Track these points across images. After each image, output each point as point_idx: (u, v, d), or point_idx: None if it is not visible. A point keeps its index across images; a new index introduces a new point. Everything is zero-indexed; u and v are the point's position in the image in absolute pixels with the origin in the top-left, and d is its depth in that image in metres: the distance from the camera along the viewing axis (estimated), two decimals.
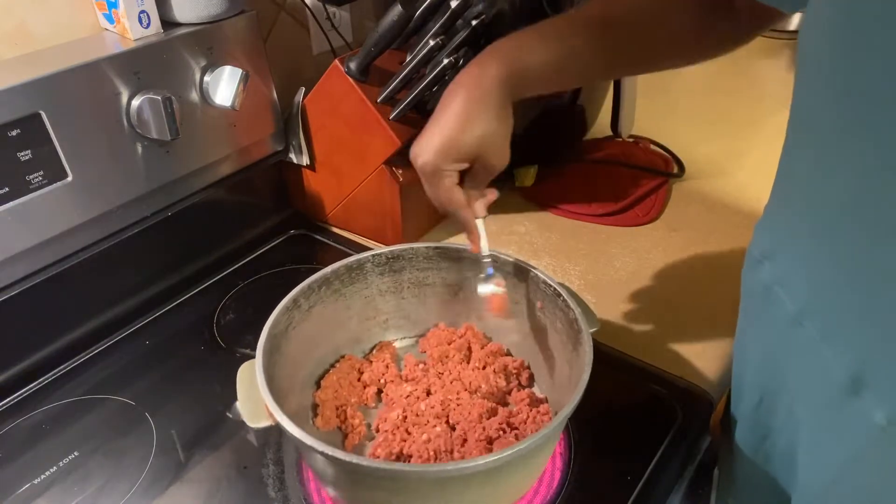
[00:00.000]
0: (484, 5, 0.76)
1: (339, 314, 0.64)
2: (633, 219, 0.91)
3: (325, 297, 0.62)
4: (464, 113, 0.51)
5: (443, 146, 0.51)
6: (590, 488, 0.56)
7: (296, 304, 0.59)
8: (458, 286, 0.67)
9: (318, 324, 0.62)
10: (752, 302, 0.54)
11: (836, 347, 0.42)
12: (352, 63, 0.77)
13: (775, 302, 0.48)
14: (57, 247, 0.68)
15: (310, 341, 0.61)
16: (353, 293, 0.65)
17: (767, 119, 1.16)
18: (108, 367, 0.71)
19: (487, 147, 0.52)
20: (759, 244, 0.52)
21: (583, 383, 0.48)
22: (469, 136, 0.51)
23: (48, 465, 0.60)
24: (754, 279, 0.52)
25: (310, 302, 0.61)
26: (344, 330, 0.66)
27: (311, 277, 0.61)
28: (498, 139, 0.53)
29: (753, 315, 0.55)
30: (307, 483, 0.57)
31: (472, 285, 0.64)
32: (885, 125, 0.34)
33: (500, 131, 0.52)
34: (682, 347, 0.71)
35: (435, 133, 0.51)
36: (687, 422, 0.62)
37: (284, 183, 0.93)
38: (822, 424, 0.45)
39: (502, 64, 0.52)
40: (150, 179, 0.72)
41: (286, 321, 0.58)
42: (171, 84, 0.70)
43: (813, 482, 0.48)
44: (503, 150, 0.54)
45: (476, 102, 0.51)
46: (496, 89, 0.51)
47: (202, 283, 0.82)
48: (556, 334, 0.59)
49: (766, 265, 0.50)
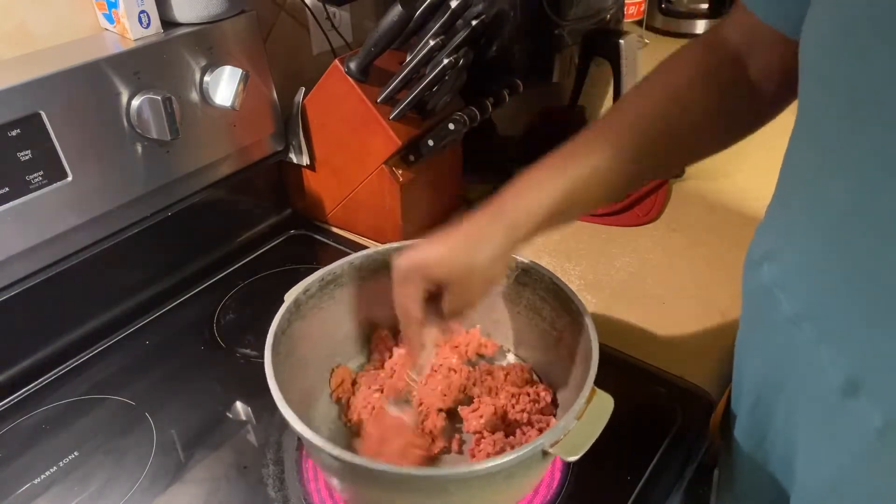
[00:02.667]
0: (484, 5, 0.76)
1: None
2: (633, 219, 0.91)
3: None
4: (461, 238, 0.50)
5: (425, 259, 0.50)
6: (590, 488, 0.56)
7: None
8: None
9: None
10: (752, 304, 0.54)
11: (834, 350, 0.42)
12: (352, 63, 0.77)
13: (774, 304, 0.48)
14: (57, 247, 0.68)
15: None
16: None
17: None
18: (108, 367, 0.71)
19: (464, 278, 0.50)
20: (760, 246, 0.52)
21: (564, 421, 0.48)
22: (454, 260, 0.50)
23: (48, 465, 0.60)
24: (754, 281, 0.52)
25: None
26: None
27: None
28: (478, 277, 0.50)
29: (753, 317, 0.55)
30: (307, 483, 0.57)
31: (499, 293, 0.65)
32: (887, 129, 0.34)
33: (484, 270, 0.50)
34: (682, 347, 0.71)
35: (427, 246, 0.50)
36: (687, 422, 0.62)
37: (284, 183, 0.93)
38: (820, 427, 0.45)
39: (509, 210, 0.50)
40: (149, 179, 0.72)
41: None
42: (171, 84, 0.70)
43: (811, 484, 0.48)
44: (477, 290, 0.52)
45: (478, 233, 0.50)
46: (498, 233, 0.49)
47: (202, 283, 0.82)
48: (576, 372, 0.58)
49: (765, 267, 0.50)
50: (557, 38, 0.88)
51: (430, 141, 0.80)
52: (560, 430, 0.46)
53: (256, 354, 0.71)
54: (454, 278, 0.50)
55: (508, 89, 0.86)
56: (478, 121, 0.80)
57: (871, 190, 0.36)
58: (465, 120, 0.78)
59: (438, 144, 0.80)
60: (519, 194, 0.50)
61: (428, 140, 0.80)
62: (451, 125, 0.79)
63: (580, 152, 0.51)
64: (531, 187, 0.50)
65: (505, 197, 0.50)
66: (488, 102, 0.82)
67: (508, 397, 0.61)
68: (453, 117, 0.79)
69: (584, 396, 0.49)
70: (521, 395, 0.61)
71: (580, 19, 0.89)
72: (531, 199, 0.50)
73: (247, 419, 0.65)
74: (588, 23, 0.91)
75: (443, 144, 0.80)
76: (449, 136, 0.79)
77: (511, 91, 0.86)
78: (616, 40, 0.90)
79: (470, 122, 0.79)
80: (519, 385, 0.62)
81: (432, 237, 0.51)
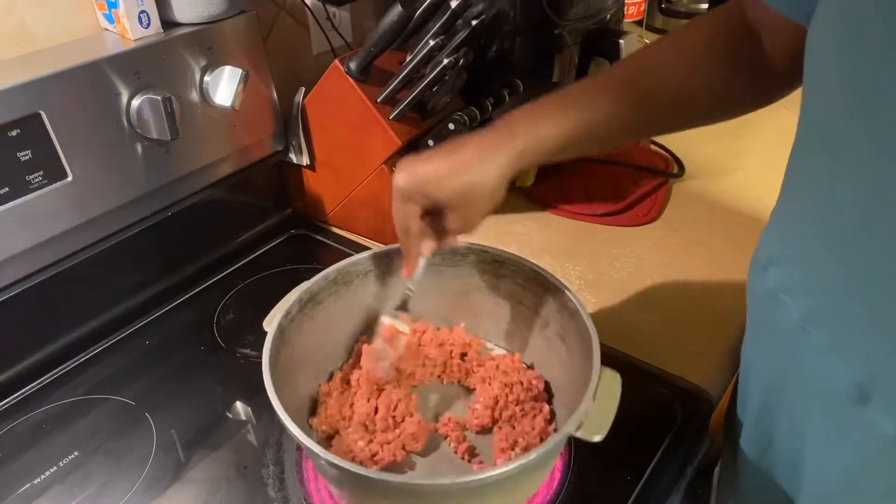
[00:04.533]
0: (484, 5, 0.76)
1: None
2: (633, 219, 0.91)
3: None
4: (465, 156, 0.50)
5: (426, 177, 0.50)
6: (590, 488, 0.56)
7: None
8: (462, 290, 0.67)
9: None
10: (758, 308, 0.53)
11: (843, 356, 0.41)
12: (352, 63, 0.77)
13: (780, 308, 0.47)
14: (57, 247, 0.68)
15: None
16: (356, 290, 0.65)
17: (767, 119, 1.15)
18: (108, 367, 0.71)
19: (466, 199, 0.50)
20: (766, 250, 0.51)
21: (584, 404, 0.48)
22: (456, 180, 0.49)
23: (48, 465, 0.60)
24: (760, 285, 0.51)
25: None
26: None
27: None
28: (476, 200, 0.51)
29: (759, 321, 0.54)
30: (307, 483, 0.57)
31: (477, 287, 0.64)
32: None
33: (487, 192, 0.50)
34: (682, 347, 0.71)
35: (427, 162, 0.50)
36: (687, 422, 0.62)
37: (284, 183, 0.93)
38: (828, 433, 0.45)
39: (520, 134, 0.50)
40: (149, 179, 0.72)
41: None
42: (171, 84, 0.70)
43: (818, 491, 0.47)
44: (475, 214, 0.52)
45: (482, 153, 0.50)
46: (505, 155, 0.50)
47: (202, 283, 0.82)
48: (570, 356, 0.59)
49: (771, 271, 0.49)
50: (557, 38, 0.88)
51: (430, 141, 0.80)
52: (581, 414, 0.47)
53: (256, 354, 0.71)
54: (455, 200, 0.50)
55: (508, 89, 0.86)
56: (478, 121, 0.80)
57: (882, 193, 0.36)
58: (465, 120, 0.78)
59: (438, 144, 0.80)
60: (530, 122, 0.50)
61: (428, 140, 0.80)
62: (451, 125, 0.79)
63: (588, 91, 0.52)
64: (541, 117, 0.51)
65: (514, 122, 0.51)
66: (488, 102, 0.82)
67: (501, 387, 0.61)
68: (453, 117, 0.79)
69: (595, 376, 0.49)
70: (515, 384, 0.61)
71: (580, 19, 0.89)
72: (540, 129, 0.50)
73: (247, 419, 0.65)
74: (588, 23, 0.91)
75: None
76: (449, 136, 0.79)
77: (511, 91, 0.86)
78: (616, 40, 0.90)
79: (470, 122, 0.79)
80: (511, 374, 0.63)
81: (434, 152, 0.51)
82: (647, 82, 0.53)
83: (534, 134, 0.50)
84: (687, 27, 0.54)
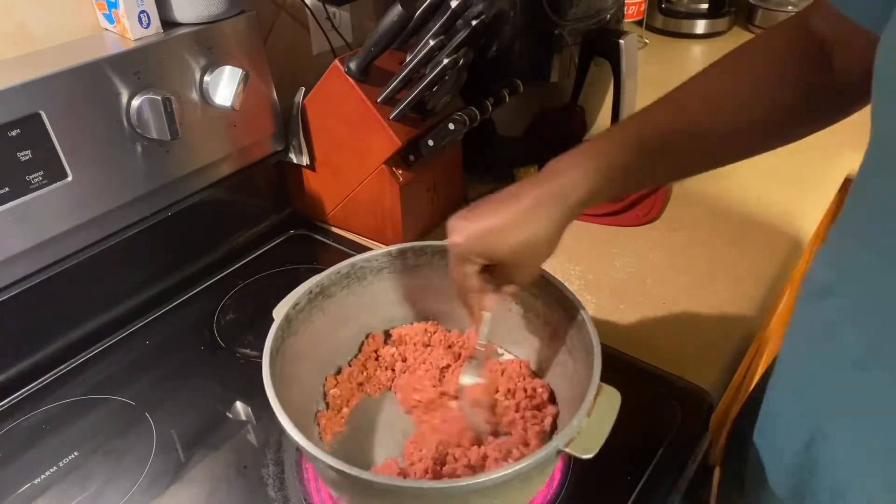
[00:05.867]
0: (484, 5, 0.76)
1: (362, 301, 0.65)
2: (633, 219, 0.91)
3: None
4: (520, 210, 0.48)
5: (481, 237, 0.48)
6: (590, 488, 0.56)
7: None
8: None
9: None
10: (807, 340, 0.49)
11: None
12: (352, 63, 0.77)
13: (837, 342, 0.44)
14: (57, 247, 0.68)
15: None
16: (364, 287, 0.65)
17: None
18: (108, 367, 0.71)
19: (526, 254, 0.49)
20: (821, 277, 0.47)
21: (577, 419, 0.48)
22: (514, 237, 0.48)
23: (48, 465, 0.60)
24: (813, 314, 0.47)
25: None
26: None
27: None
28: (536, 254, 0.49)
29: (807, 350, 0.49)
30: (307, 483, 0.57)
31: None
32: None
33: (543, 249, 0.49)
34: (682, 347, 0.71)
35: (481, 220, 0.49)
36: (687, 422, 0.62)
37: (284, 183, 0.93)
38: (889, 477, 0.43)
39: (571, 191, 0.48)
40: (149, 179, 0.72)
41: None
42: (171, 84, 0.70)
43: None
44: (535, 266, 0.51)
45: (538, 206, 0.48)
46: (559, 207, 0.48)
47: (202, 283, 0.82)
48: (575, 368, 0.58)
49: (828, 301, 0.45)
50: (557, 38, 0.88)
51: (430, 141, 0.80)
52: (573, 429, 0.46)
53: (256, 354, 0.71)
54: (515, 257, 0.49)
55: (508, 89, 0.86)
56: (478, 121, 0.80)
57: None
58: (465, 120, 0.78)
59: (438, 144, 0.80)
60: (580, 171, 0.49)
61: (428, 140, 0.80)
62: (451, 125, 0.79)
63: (645, 134, 0.50)
64: (594, 167, 0.49)
65: (566, 169, 0.49)
66: (488, 102, 0.82)
67: (504, 392, 0.61)
68: (453, 117, 0.79)
69: (592, 393, 0.48)
70: (518, 390, 0.61)
71: (580, 19, 0.89)
72: (591, 179, 0.48)
73: (247, 419, 0.65)
74: (588, 23, 0.91)
75: (443, 144, 0.80)
76: (449, 136, 0.79)
77: (511, 91, 0.86)
78: (616, 40, 0.90)
79: (470, 122, 0.79)
80: (515, 380, 0.62)
81: (485, 206, 0.49)
82: (706, 124, 0.50)
83: (585, 186, 0.48)
84: (750, 47, 0.50)
